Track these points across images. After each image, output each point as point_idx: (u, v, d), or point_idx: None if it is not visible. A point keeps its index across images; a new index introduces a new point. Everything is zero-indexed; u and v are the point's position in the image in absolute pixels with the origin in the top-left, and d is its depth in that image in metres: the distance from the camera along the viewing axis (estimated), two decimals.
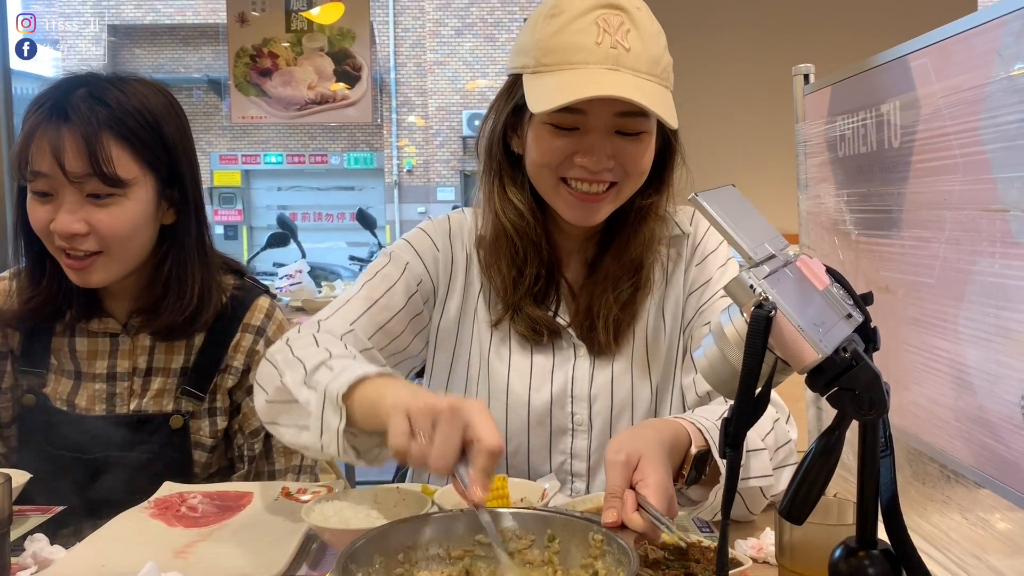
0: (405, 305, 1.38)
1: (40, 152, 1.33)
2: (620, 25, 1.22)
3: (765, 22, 3.05)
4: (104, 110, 1.35)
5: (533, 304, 1.37)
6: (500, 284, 1.38)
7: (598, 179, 1.27)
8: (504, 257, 1.37)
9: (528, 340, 1.39)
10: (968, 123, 0.83)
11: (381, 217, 18.68)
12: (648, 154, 1.30)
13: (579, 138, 1.26)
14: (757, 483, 1.18)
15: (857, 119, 1.09)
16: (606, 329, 1.36)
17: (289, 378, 1.16)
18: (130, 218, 1.38)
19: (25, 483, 1.27)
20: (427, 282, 1.41)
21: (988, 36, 0.80)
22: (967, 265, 0.86)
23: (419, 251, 1.42)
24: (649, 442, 1.04)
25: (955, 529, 0.95)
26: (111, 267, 1.40)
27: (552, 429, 1.39)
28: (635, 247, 1.36)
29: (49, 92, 1.37)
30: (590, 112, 1.23)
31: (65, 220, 1.34)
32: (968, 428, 0.89)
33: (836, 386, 0.72)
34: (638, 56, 1.22)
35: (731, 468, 0.75)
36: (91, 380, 1.47)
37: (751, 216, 0.81)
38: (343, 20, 4.61)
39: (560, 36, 1.23)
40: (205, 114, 19.40)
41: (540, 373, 1.39)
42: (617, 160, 1.27)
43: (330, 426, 1.08)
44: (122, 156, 1.36)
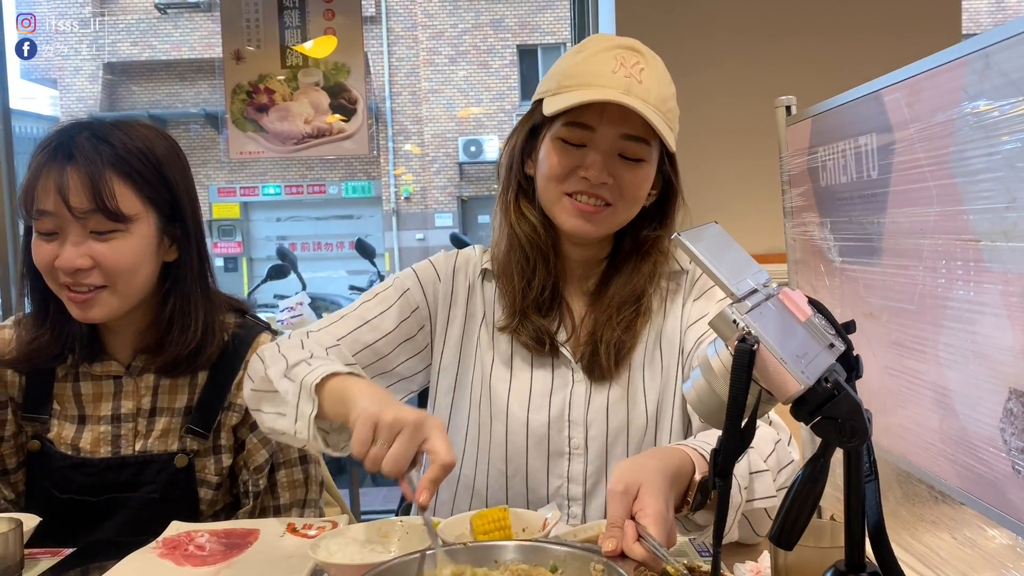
0: (395, 328, 1.46)
1: (45, 191, 1.37)
2: (636, 63, 1.35)
3: (750, 52, 3.09)
4: (108, 149, 1.39)
5: (538, 315, 1.45)
6: (510, 292, 1.46)
7: (596, 194, 1.36)
8: (516, 265, 1.45)
9: (530, 351, 1.45)
10: (939, 156, 0.87)
11: (380, 244, 18.73)
12: (644, 182, 1.39)
13: (584, 154, 1.36)
14: (762, 504, 1.20)
15: (837, 150, 1.13)
16: (607, 353, 1.41)
17: (272, 370, 1.27)
18: (133, 252, 1.41)
19: (35, 526, 1.29)
20: (423, 309, 1.49)
21: (954, 74, 0.83)
22: (944, 292, 0.89)
23: (422, 280, 1.50)
24: (650, 472, 1.06)
25: (945, 548, 0.98)
26: (113, 302, 1.42)
27: (550, 452, 1.43)
28: (638, 279, 1.44)
29: (54, 135, 1.42)
30: (598, 130, 1.34)
31: (69, 255, 1.37)
32: (952, 450, 0.92)
33: (819, 415, 0.74)
34: (648, 91, 1.33)
35: (721, 497, 0.78)
36: (96, 423, 1.49)
37: (733, 252, 0.84)
38: (337, 54, 4.65)
39: (582, 64, 1.37)
40: (203, 148, 19.48)
41: (539, 394, 1.44)
42: (615, 181, 1.36)
43: (303, 413, 1.20)
44: (125, 192, 1.39)
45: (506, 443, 1.44)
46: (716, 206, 3.03)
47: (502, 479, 1.45)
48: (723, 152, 3.06)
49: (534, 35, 19.56)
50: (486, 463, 1.46)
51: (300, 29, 4.67)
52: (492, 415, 1.45)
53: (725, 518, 0.77)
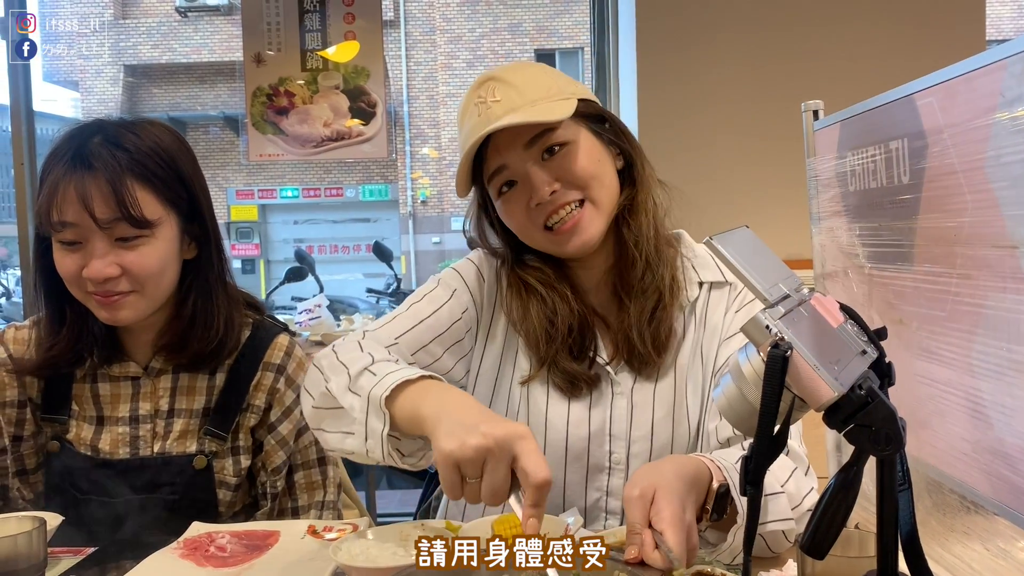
0: (448, 330, 1.42)
1: (67, 202, 1.36)
2: (490, 89, 1.34)
3: (774, 53, 3.08)
4: (124, 154, 1.38)
5: (569, 357, 1.40)
6: (533, 338, 1.41)
7: (560, 205, 1.34)
8: (534, 306, 1.41)
9: (566, 393, 1.41)
10: (974, 161, 0.85)
11: (396, 248, 18.78)
12: (584, 159, 1.35)
13: (521, 188, 1.35)
14: (776, 527, 1.18)
15: (867, 155, 1.11)
16: (642, 340, 1.38)
17: (334, 384, 1.19)
18: (159, 256, 1.41)
19: (58, 525, 1.29)
20: (471, 311, 1.45)
21: (991, 78, 0.82)
22: (979, 300, 0.87)
23: (467, 280, 1.47)
24: (666, 475, 1.05)
25: (977, 559, 0.96)
26: (140, 305, 1.42)
27: (589, 466, 1.41)
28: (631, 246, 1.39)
29: (65, 143, 1.40)
30: (507, 162, 1.34)
31: (97, 266, 1.37)
32: (986, 460, 0.90)
33: (853, 423, 0.73)
34: (509, 100, 1.32)
35: (752, 505, 0.77)
36: (114, 424, 1.49)
37: (765, 257, 0.83)
38: (358, 58, 4.67)
39: (461, 136, 1.38)
40: (221, 150, 19.64)
41: (578, 413, 1.41)
42: (561, 180, 1.34)
43: (374, 431, 1.11)
44: (147, 198, 1.39)
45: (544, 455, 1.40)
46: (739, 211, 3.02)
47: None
48: (746, 157, 3.05)
49: (552, 39, 19.56)
50: None
51: (320, 33, 4.69)
52: (531, 426, 1.39)
53: (756, 525, 0.76)
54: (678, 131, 3.06)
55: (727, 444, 1.36)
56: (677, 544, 0.96)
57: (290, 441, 1.53)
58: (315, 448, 1.56)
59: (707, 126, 3.06)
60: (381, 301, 8.85)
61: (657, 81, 3.08)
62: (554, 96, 1.33)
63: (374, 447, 1.11)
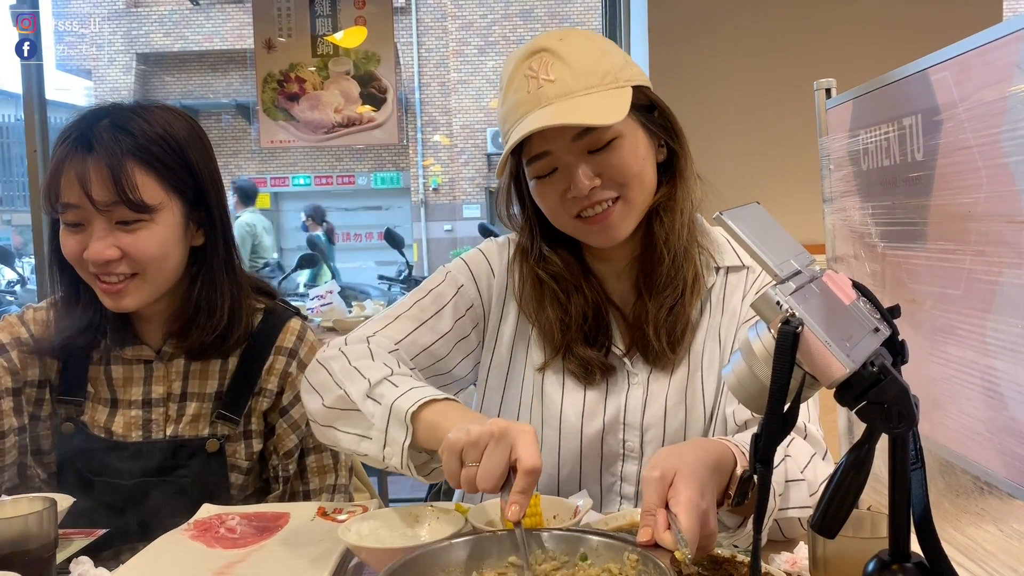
0: (452, 328, 1.42)
1: (68, 184, 1.37)
2: (543, 64, 1.29)
3: (786, 37, 3.05)
4: (128, 138, 1.38)
5: (584, 344, 1.39)
6: (547, 328, 1.41)
7: (596, 200, 1.31)
8: (547, 301, 1.40)
9: (581, 380, 1.40)
10: (990, 135, 0.84)
11: (408, 235, 18.80)
12: (630, 157, 1.32)
13: (560, 176, 1.32)
14: (796, 514, 1.18)
15: (880, 132, 1.10)
16: (657, 336, 1.37)
17: (353, 388, 1.22)
18: (159, 241, 1.41)
19: (69, 506, 1.30)
20: (478, 307, 1.45)
21: (1007, 49, 0.80)
22: (993, 276, 0.86)
23: (475, 274, 1.46)
24: (688, 459, 1.04)
25: (990, 541, 0.95)
26: (144, 290, 1.43)
27: (603, 454, 1.41)
28: (660, 242, 1.37)
29: (73, 125, 1.41)
30: (551, 150, 1.30)
31: (97, 248, 1.37)
32: (1000, 439, 0.89)
33: (864, 400, 0.72)
34: (564, 82, 1.27)
35: (762, 484, 0.76)
36: (127, 407, 1.50)
37: (776, 233, 0.82)
38: (368, 43, 4.67)
39: (505, 104, 1.33)
40: (234, 138, 19.69)
41: (593, 401, 1.41)
42: (603, 176, 1.31)
43: (395, 440, 1.14)
44: (147, 182, 1.39)
45: (559, 449, 1.41)
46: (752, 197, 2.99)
47: (553, 483, 1.42)
48: (759, 141, 3.03)
49: (564, 25, 19.46)
50: None
51: (331, 18, 4.68)
52: (544, 419, 1.41)
53: (766, 504, 0.75)
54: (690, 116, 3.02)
55: (744, 427, 1.35)
56: (689, 529, 0.95)
57: (302, 425, 1.53)
58: None
59: (719, 111, 3.04)
60: (393, 288, 8.86)
61: (669, 67, 3.05)
62: (609, 83, 1.29)
63: (392, 455, 1.15)
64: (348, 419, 1.22)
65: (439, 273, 1.47)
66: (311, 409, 1.29)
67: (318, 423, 1.28)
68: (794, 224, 1.90)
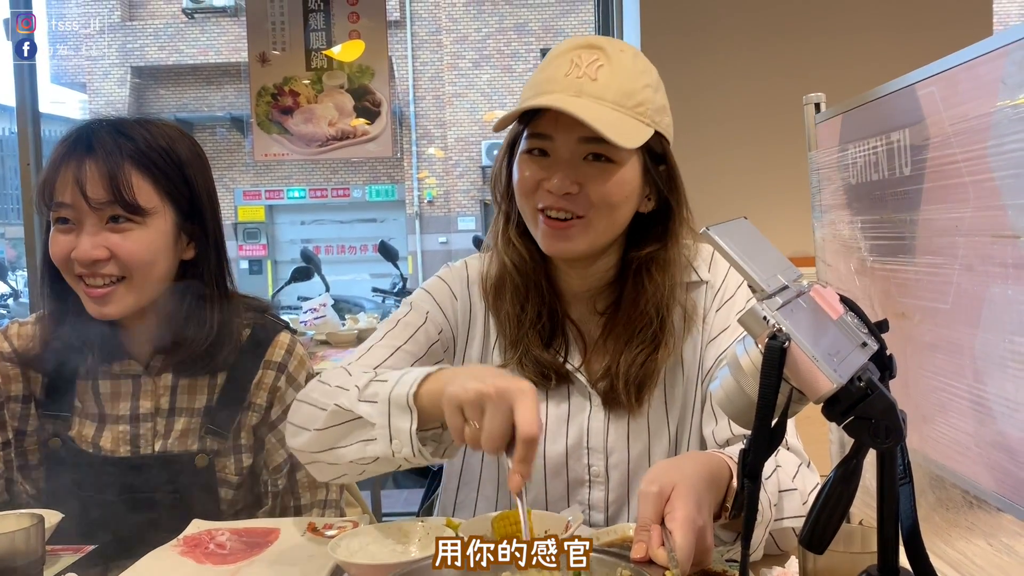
0: (425, 353, 1.40)
1: (64, 183, 1.38)
2: (593, 61, 1.27)
3: (776, 51, 3.07)
4: (128, 143, 1.39)
5: (540, 346, 1.38)
6: (504, 321, 1.40)
7: (563, 207, 1.29)
8: (507, 292, 1.39)
9: (539, 386, 1.38)
10: (976, 150, 0.84)
11: (403, 248, 18.80)
12: (617, 186, 1.30)
13: (548, 163, 1.30)
14: (790, 523, 1.17)
15: (868, 147, 1.10)
16: (627, 391, 1.35)
17: (344, 399, 1.18)
18: (149, 244, 1.41)
19: (57, 523, 1.29)
20: (447, 331, 1.44)
21: (993, 65, 0.81)
22: (981, 291, 0.86)
23: (438, 301, 1.44)
24: (686, 474, 1.04)
25: (980, 555, 0.95)
26: (129, 297, 1.42)
27: (569, 480, 1.40)
28: (644, 301, 1.36)
29: (76, 129, 1.43)
30: (555, 137, 1.28)
31: (85, 246, 1.37)
32: (989, 454, 0.89)
33: (852, 415, 0.72)
34: (604, 87, 1.26)
35: (750, 498, 0.76)
36: (114, 422, 1.49)
37: (763, 248, 0.82)
38: (362, 57, 4.67)
39: (538, 74, 1.32)
40: (228, 151, 19.68)
41: (555, 423, 1.39)
42: (583, 187, 1.28)
43: (400, 429, 1.11)
44: (143, 185, 1.40)
45: None
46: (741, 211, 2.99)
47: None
48: (749, 157, 3.04)
49: (558, 39, 19.49)
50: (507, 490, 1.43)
51: (325, 32, 4.69)
52: None
53: (754, 519, 0.75)
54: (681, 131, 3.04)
55: (727, 446, 1.34)
56: (683, 548, 0.95)
57: None
58: None
59: (710, 128, 3.05)
60: (387, 301, 8.85)
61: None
62: (638, 114, 1.27)
63: (402, 446, 1.11)
64: (347, 431, 1.19)
65: (404, 306, 1.46)
66: (299, 448, 1.26)
67: (314, 454, 1.24)
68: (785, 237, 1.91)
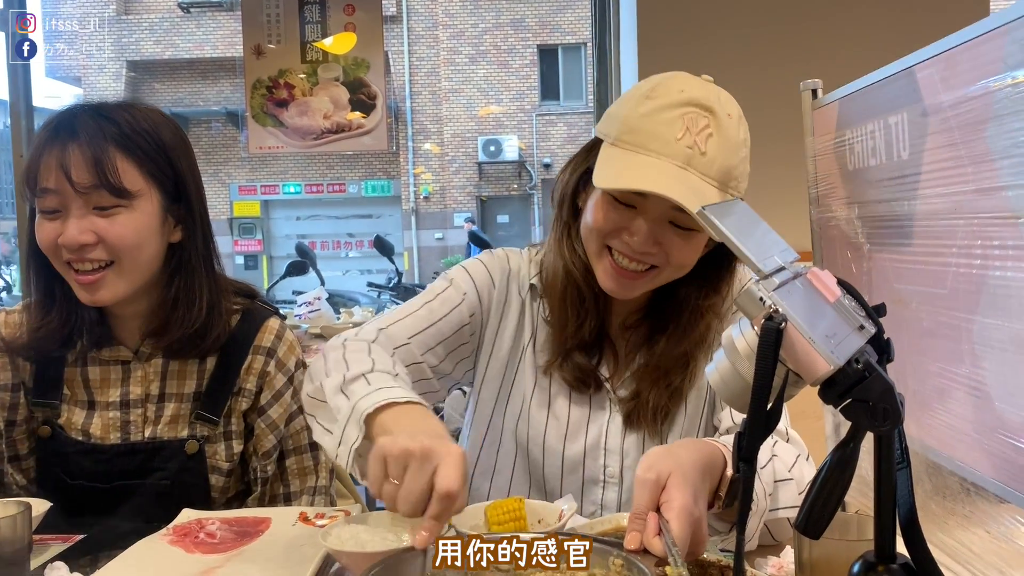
0: (455, 332, 1.42)
1: (48, 168, 1.36)
2: (704, 127, 1.24)
3: (772, 38, 3.05)
4: (111, 127, 1.38)
5: (581, 353, 1.40)
6: (558, 327, 1.41)
7: (639, 259, 1.29)
8: (568, 297, 1.39)
9: (572, 389, 1.42)
10: (976, 132, 0.83)
11: (399, 243, 18.80)
12: (694, 252, 1.31)
13: (633, 216, 1.28)
14: (786, 514, 1.17)
15: (866, 131, 1.09)
16: (654, 417, 1.39)
17: (328, 382, 1.20)
18: (136, 227, 1.39)
19: (45, 512, 1.27)
20: (479, 316, 1.45)
21: (993, 44, 0.80)
22: (980, 274, 0.85)
23: (477, 284, 1.45)
24: (682, 462, 1.03)
25: (978, 544, 0.94)
26: (119, 283, 1.40)
27: (584, 479, 1.42)
28: (688, 343, 1.38)
29: (58, 114, 1.41)
30: (649, 198, 1.25)
31: (72, 231, 1.36)
32: (988, 440, 0.88)
33: (849, 398, 0.71)
34: (711, 162, 1.23)
35: (745, 483, 0.75)
36: (104, 408, 1.48)
37: (760, 229, 0.81)
38: (357, 50, 4.65)
39: (646, 120, 1.26)
40: (224, 146, 19.65)
41: (576, 424, 1.42)
42: (662, 247, 1.28)
43: (348, 439, 1.12)
44: (128, 168, 1.38)
45: (543, 468, 1.43)
46: None
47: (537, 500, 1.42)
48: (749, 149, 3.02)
49: (554, 35, 19.55)
50: (520, 482, 1.46)
51: (320, 24, 4.67)
52: (529, 438, 1.43)
53: (749, 502, 0.74)
54: None
55: (727, 434, 1.34)
56: (681, 538, 0.94)
57: (280, 425, 1.51)
58: (307, 433, 1.54)
59: None
60: (382, 296, 8.84)
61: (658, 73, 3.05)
62: (728, 188, 1.27)
63: (343, 455, 1.12)
64: (322, 411, 1.21)
65: (442, 280, 1.47)
66: (303, 395, 1.29)
67: (305, 410, 1.28)
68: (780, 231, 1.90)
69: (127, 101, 1.45)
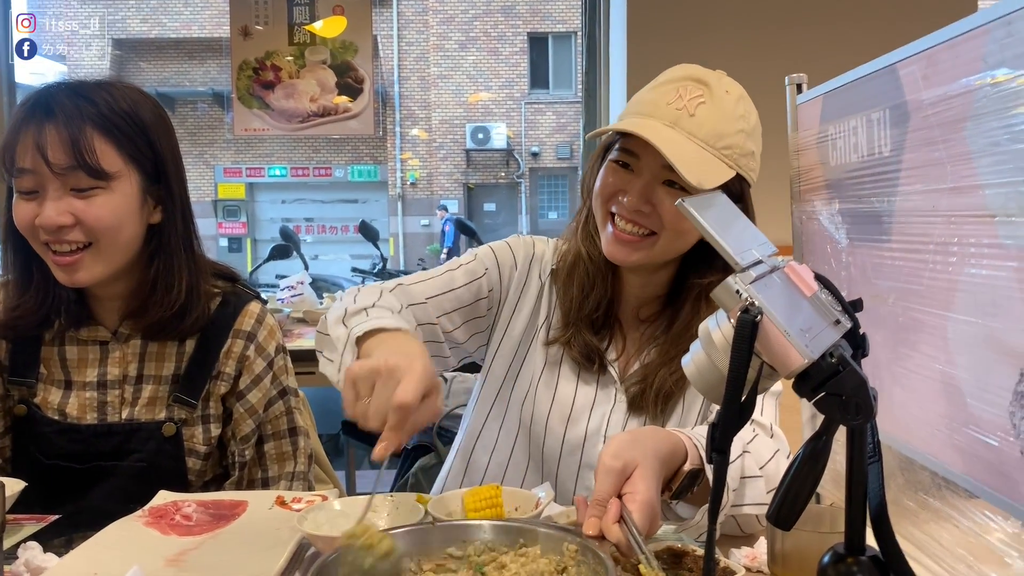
0: (471, 304, 1.47)
1: (24, 148, 1.34)
2: (697, 96, 1.32)
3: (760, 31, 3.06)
4: (90, 106, 1.36)
5: (590, 331, 1.45)
6: (567, 303, 1.47)
7: (634, 220, 1.34)
8: (577, 278, 1.46)
9: (579, 366, 1.46)
10: (955, 130, 0.84)
11: (385, 229, 18.73)
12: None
13: (630, 179, 1.35)
14: (751, 511, 1.18)
15: (848, 127, 1.09)
16: (656, 400, 1.42)
17: (332, 314, 1.27)
18: (114, 209, 1.38)
19: (20, 491, 1.27)
20: (496, 292, 1.50)
21: (973, 43, 0.80)
22: (955, 271, 0.86)
23: (500, 263, 1.51)
24: (647, 452, 1.05)
25: (947, 538, 0.95)
26: (98, 263, 1.39)
27: (581, 463, 1.45)
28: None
29: (35, 93, 1.39)
30: (641, 158, 1.33)
31: (49, 213, 1.34)
32: (959, 436, 0.89)
33: (823, 391, 0.72)
34: (699, 124, 1.30)
35: (717, 473, 0.75)
36: (81, 388, 1.47)
37: (739, 222, 0.82)
38: (346, 33, 4.62)
39: (646, 93, 1.38)
40: (209, 127, 19.50)
41: (580, 408, 1.46)
42: (655, 209, 1.34)
43: (345, 363, 1.16)
44: (106, 149, 1.37)
45: (543, 448, 1.46)
46: None
47: (533, 479, 1.47)
48: None
49: (545, 23, 19.49)
50: (519, 461, 1.49)
51: (308, 7, 4.63)
52: (533, 419, 1.47)
53: (722, 493, 0.75)
54: None
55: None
56: (643, 531, 0.96)
57: (259, 410, 1.51)
58: (286, 418, 1.54)
59: None
60: (367, 281, 8.81)
61: (646, 67, 3.04)
62: (723, 156, 1.31)
63: (340, 380, 1.14)
64: (327, 344, 1.26)
65: (468, 254, 1.53)
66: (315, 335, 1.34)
67: (316, 347, 1.33)
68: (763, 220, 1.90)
69: (106, 80, 1.43)
